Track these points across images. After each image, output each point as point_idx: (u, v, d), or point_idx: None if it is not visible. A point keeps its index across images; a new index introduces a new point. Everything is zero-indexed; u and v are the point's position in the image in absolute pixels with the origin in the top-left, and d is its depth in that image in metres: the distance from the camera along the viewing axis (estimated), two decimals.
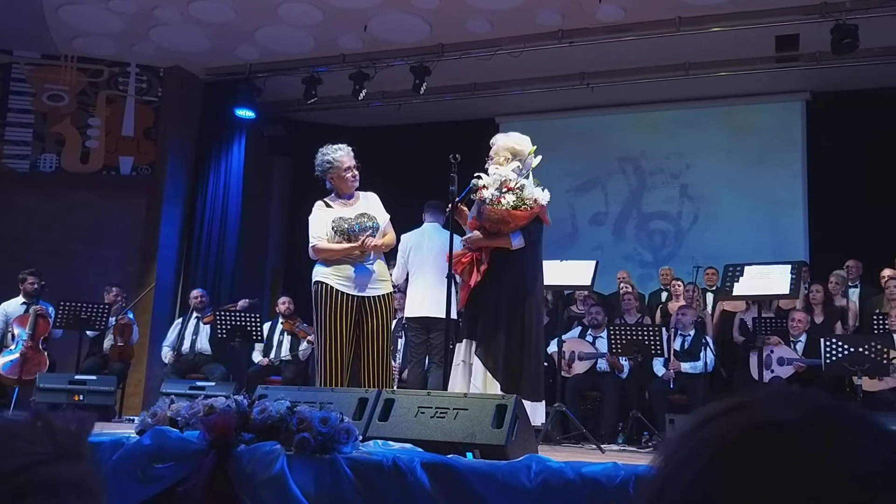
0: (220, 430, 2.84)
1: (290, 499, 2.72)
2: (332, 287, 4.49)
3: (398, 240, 5.60)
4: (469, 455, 3.09)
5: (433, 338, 5.93)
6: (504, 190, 4.39)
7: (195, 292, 8.30)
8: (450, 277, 4.52)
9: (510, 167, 4.50)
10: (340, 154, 4.64)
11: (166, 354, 7.96)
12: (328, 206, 4.67)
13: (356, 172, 4.68)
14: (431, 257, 5.89)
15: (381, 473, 2.79)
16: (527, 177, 4.54)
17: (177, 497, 2.80)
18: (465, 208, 4.63)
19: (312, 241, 4.57)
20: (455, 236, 5.95)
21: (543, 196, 4.49)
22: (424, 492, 2.72)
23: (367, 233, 4.55)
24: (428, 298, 5.79)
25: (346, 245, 4.52)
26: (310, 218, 4.66)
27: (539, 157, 4.68)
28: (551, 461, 2.81)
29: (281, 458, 2.79)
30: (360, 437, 3.14)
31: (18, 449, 0.68)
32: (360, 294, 4.53)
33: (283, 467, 2.76)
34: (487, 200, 4.38)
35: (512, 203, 4.36)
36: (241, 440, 2.88)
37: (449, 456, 2.95)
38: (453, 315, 5.82)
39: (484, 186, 4.43)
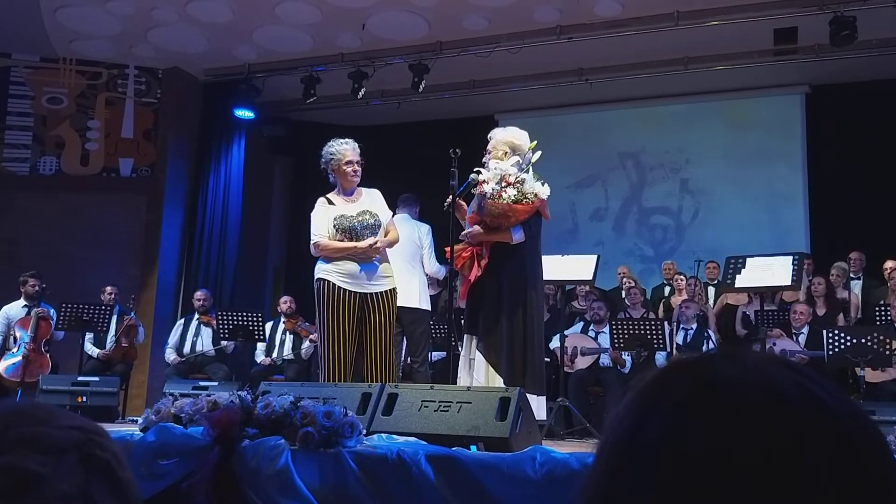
0: (223, 425, 2.84)
1: (294, 493, 2.72)
2: (334, 284, 4.48)
3: None
4: (473, 448, 3.09)
5: (409, 330, 5.87)
6: (504, 184, 4.38)
7: (199, 293, 8.29)
8: (451, 272, 4.51)
9: (510, 162, 4.50)
10: (345, 147, 4.64)
11: (170, 356, 7.95)
12: (330, 202, 4.66)
13: (357, 168, 4.65)
14: (398, 247, 5.83)
15: (386, 466, 2.79)
16: (526, 171, 4.53)
17: (181, 493, 2.80)
18: (463, 203, 4.62)
19: (314, 238, 4.56)
20: (425, 225, 5.96)
21: (544, 190, 4.48)
22: (429, 484, 2.72)
23: (371, 232, 4.53)
24: (399, 288, 5.71)
25: (348, 244, 4.51)
26: (311, 214, 4.65)
27: (539, 153, 4.68)
28: (556, 452, 2.81)
29: (285, 453, 2.78)
30: (364, 432, 3.14)
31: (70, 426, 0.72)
32: (362, 290, 4.52)
33: (287, 462, 2.76)
34: (488, 195, 4.38)
35: (513, 197, 4.36)
36: (245, 435, 2.88)
37: (453, 449, 2.95)
38: (426, 306, 5.86)
39: (484, 181, 4.43)
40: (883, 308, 6.86)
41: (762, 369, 0.59)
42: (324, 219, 4.58)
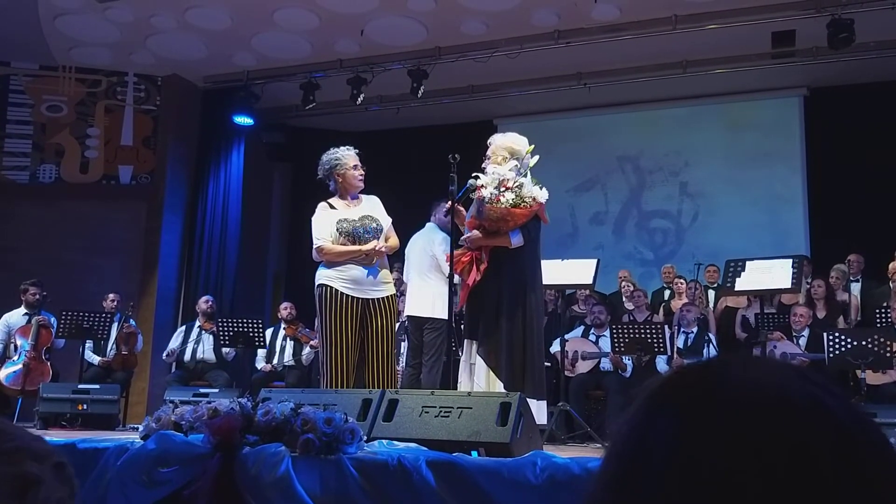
0: (224, 432, 2.84)
1: (295, 500, 2.72)
2: (336, 290, 4.49)
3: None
4: (474, 453, 3.09)
5: (425, 338, 5.93)
6: (502, 189, 4.40)
7: (206, 298, 8.30)
8: (451, 277, 4.52)
9: (508, 166, 4.51)
10: (349, 153, 4.71)
11: (169, 354, 7.92)
12: (332, 207, 4.68)
13: (363, 172, 4.70)
14: (416, 257, 5.90)
15: (387, 473, 2.78)
16: (525, 175, 4.55)
17: (182, 500, 2.80)
18: (462, 208, 4.63)
19: (316, 242, 4.57)
20: (440, 234, 6.00)
21: (542, 194, 4.50)
22: (430, 490, 2.72)
23: (372, 237, 4.56)
24: (413, 298, 5.80)
25: (351, 248, 4.52)
26: (313, 219, 4.65)
27: (536, 157, 4.69)
28: (557, 457, 2.81)
29: (286, 460, 2.78)
30: (365, 438, 3.14)
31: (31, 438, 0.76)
32: (364, 296, 4.52)
33: (288, 468, 2.76)
34: (487, 199, 4.39)
35: (511, 201, 4.37)
36: (245, 442, 2.88)
37: (454, 454, 2.95)
38: (442, 315, 5.90)
39: (482, 186, 4.44)
40: (883, 310, 6.85)
41: (770, 373, 0.59)
42: (326, 223, 4.59)
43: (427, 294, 5.83)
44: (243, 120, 9.77)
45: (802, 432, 0.55)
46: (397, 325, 5.66)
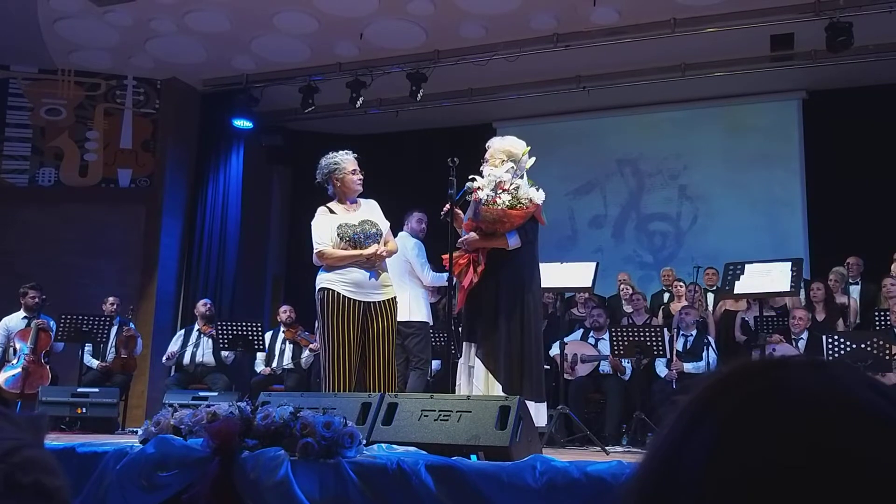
0: (223, 436, 2.84)
1: None
2: (338, 293, 4.48)
3: None
4: (473, 457, 3.09)
5: (407, 343, 5.95)
6: (499, 190, 4.41)
7: (205, 301, 8.30)
8: (450, 280, 4.52)
9: (504, 168, 4.52)
10: (348, 157, 4.72)
11: (169, 357, 7.91)
12: (331, 211, 4.68)
13: (362, 176, 4.71)
14: (391, 264, 5.96)
15: (386, 477, 2.78)
16: (521, 177, 4.56)
17: None
18: (460, 211, 4.64)
19: (317, 246, 4.57)
20: (411, 240, 6.06)
21: (538, 195, 4.50)
22: (430, 494, 2.72)
23: (373, 242, 4.57)
24: None
25: (352, 252, 4.53)
26: (312, 223, 4.65)
27: (533, 159, 4.70)
28: (556, 461, 2.81)
29: (285, 464, 2.78)
30: (364, 442, 3.13)
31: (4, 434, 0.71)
32: (365, 299, 4.53)
33: (287, 472, 2.76)
34: (483, 201, 4.40)
35: (507, 203, 4.38)
36: (244, 446, 2.88)
37: (453, 458, 2.95)
38: (418, 317, 5.93)
39: (479, 188, 4.45)
40: (882, 313, 6.85)
41: (830, 382, 0.53)
42: (326, 227, 4.59)
43: (403, 298, 5.87)
44: (242, 123, 9.77)
45: (855, 445, 0.50)
46: None
